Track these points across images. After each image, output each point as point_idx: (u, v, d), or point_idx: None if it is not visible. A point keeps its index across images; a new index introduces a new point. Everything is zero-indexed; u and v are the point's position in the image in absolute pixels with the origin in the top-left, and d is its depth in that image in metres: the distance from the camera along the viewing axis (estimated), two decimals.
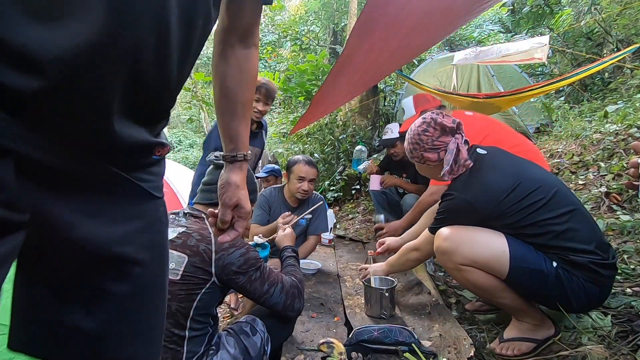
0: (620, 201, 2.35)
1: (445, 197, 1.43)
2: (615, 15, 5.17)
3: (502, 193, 1.31)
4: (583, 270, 1.23)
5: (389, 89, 5.85)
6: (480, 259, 1.28)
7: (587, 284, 1.23)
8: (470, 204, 1.34)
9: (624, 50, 3.31)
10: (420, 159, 1.54)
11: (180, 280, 1.16)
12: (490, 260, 1.27)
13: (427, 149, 1.49)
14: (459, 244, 1.31)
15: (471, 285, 1.35)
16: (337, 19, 8.89)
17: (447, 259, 1.34)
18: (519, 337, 1.32)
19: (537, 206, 1.29)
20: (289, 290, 1.32)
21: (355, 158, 3.78)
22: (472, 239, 1.31)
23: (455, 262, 1.31)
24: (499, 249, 1.27)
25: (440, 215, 1.43)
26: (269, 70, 10.32)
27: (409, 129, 1.56)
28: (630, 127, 3.16)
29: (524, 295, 1.32)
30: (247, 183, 1.38)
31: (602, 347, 1.19)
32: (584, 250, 1.23)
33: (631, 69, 4.65)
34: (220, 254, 1.18)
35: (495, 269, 1.27)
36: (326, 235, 2.87)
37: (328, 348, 1.30)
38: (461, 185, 1.41)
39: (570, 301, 1.24)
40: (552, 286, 1.23)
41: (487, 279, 1.29)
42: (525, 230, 1.29)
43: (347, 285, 2.09)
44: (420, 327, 1.55)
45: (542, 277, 1.24)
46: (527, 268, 1.24)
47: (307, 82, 5.28)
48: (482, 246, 1.29)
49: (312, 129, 5.71)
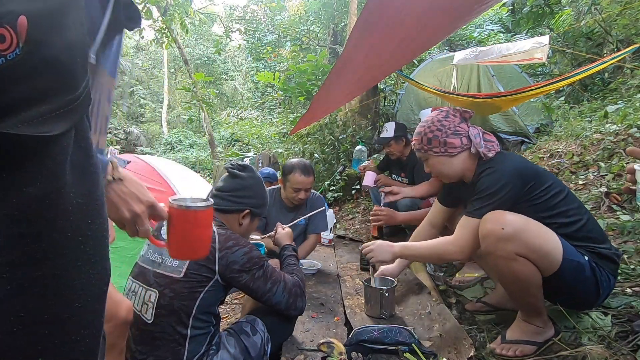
0: (620, 201, 2.35)
1: (484, 172, 1.35)
2: (615, 15, 5.16)
3: (532, 173, 1.32)
4: (608, 262, 1.25)
5: (389, 89, 5.84)
6: (539, 249, 1.19)
7: (611, 277, 1.25)
8: (517, 170, 1.30)
9: (624, 50, 3.31)
10: (441, 146, 1.44)
11: (184, 278, 1.17)
12: (548, 251, 1.20)
13: (449, 134, 1.43)
14: (520, 231, 1.19)
15: (514, 278, 1.23)
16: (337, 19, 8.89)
17: (502, 246, 1.20)
18: (523, 340, 1.31)
19: (561, 196, 1.30)
20: (291, 289, 1.32)
21: (355, 158, 3.78)
22: (531, 227, 1.21)
23: (511, 250, 1.19)
24: (554, 239, 1.21)
25: (483, 192, 1.32)
26: (269, 70, 10.33)
27: (425, 120, 1.50)
28: (630, 127, 3.16)
29: (560, 291, 1.28)
30: (257, 195, 1.41)
31: (602, 347, 1.19)
32: (605, 241, 1.26)
33: (631, 69, 4.64)
34: (224, 252, 1.19)
35: (548, 261, 1.20)
36: (326, 235, 2.87)
37: (328, 348, 1.30)
38: (498, 160, 1.37)
39: (600, 296, 1.25)
40: (589, 281, 1.23)
41: (534, 274, 1.21)
42: (555, 219, 1.27)
43: (347, 285, 2.09)
44: (420, 327, 1.55)
45: (583, 270, 1.22)
46: (575, 261, 1.21)
47: (307, 82, 5.29)
48: (542, 235, 1.21)
49: (312, 129, 5.71)
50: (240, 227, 1.40)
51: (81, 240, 0.47)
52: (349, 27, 6.92)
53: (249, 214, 1.40)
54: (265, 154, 6.27)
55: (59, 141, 0.42)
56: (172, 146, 13.71)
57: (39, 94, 0.39)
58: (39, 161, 0.40)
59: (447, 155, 1.45)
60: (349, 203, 4.70)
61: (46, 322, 0.44)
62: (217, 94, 14.86)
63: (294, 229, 2.32)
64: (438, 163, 1.48)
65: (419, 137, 1.51)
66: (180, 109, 17.37)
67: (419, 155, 1.56)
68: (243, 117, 13.64)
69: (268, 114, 12.90)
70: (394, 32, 1.95)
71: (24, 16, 0.35)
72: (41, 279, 0.43)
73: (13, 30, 0.35)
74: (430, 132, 1.46)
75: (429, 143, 1.47)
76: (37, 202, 0.41)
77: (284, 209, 2.36)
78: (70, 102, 0.41)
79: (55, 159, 0.42)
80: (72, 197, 0.45)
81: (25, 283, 0.42)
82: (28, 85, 0.37)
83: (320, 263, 2.33)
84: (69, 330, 0.46)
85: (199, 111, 9.69)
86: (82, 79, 0.43)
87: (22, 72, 0.36)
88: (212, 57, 16.66)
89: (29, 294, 0.42)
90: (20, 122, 0.37)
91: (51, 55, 0.38)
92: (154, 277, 1.22)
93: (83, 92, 0.43)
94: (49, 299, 0.44)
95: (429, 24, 2.00)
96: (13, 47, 0.35)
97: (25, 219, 0.41)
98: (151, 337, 1.16)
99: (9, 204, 0.39)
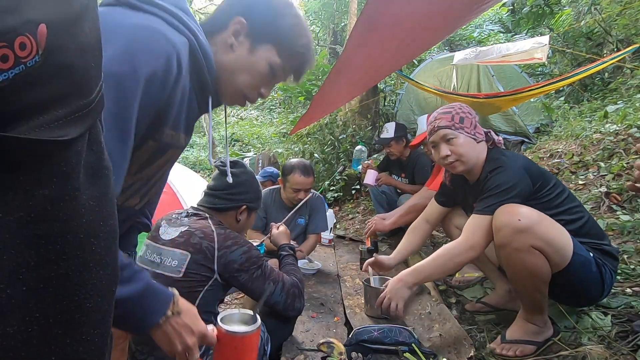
0: (620, 201, 2.35)
1: (495, 170, 1.35)
2: (615, 15, 5.17)
3: (538, 172, 1.34)
4: (610, 259, 1.26)
5: (389, 89, 5.84)
6: (553, 242, 1.18)
7: (613, 274, 1.27)
8: (526, 170, 1.32)
9: (624, 50, 3.31)
10: (472, 128, 1.43)
11: (183, 278, 1.17)
12: (561, 245, 1.19)
13: (477, 121, 1.46)
14: (535, 223, 1.18)
15: (526, 271, 1.22)
16: (337, 19, 8.89)
17: (518, 238, 1.18)
18: (523, 340, 1.31)
19: (564, 195, 1.32)
20: (289, 289, 1.32)
21: (355, 158, 3.78)
22: (546, 221, 1.21)
23: (526, 242, 1.17)
24: (566, 234, 1.22)
25: (495, 190, 1.31)
26: None
27: (450, 105, 1.50)
28: (630, 127, 3.16)
29: (566, 288, 1.29)
30: (251, 189, 1.40)
31: (602, 347, 1.19)
32: (604, 238, 1.28)
33: (631, 69, 4.65)
34: (222, 252, 1.20)
35: (559, 255, 1.20)
36: (326, 235, 2.87)
37: (328, 348, 1.30)
38: (507, 160, 1.37)
39: (603, 292, 1.26)
40: (594, 276, 1.24)
41: (545, 268, 1.20)
42: (560, 216, 1.28)
43: (347, 285, 2.09)
44: (420, 327, 1.55)
45: (590, 266, 1.23)
46: (583, 256, 1.22)
47: (307, 82, 5.29)
48: (556, 229, 1.21)
49: (312, 129, 5.71)
50: (238, 223, 1.39)
51: (93, 242, 0.48)
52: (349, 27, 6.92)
53: (246, 209, 1.40)
54: (265, 154, 6.27)
55: (73, 145, 0.43)
56: None
57: (55, 99, 0.39)
58: (54, 164, 0.41)
59: (474, 138, 1.43)
60: (349, 203, 4.70)
61: (60, 323, 0.45)
62: None
63: (288, 224, 2.32)
64: (467, 143, 1.42)
65: (448, 115, 1.45)
66: None
67: (443, 134, 1.45)
68: (243, 117, 13.64)
69: (268, 114, 12.89)
70: (394, 32, 1.95)
71: (44, 25, 0.36)
72: (55, 280, 0.44)
73: (34, 38, 0.35)
74: (462, 112, 1.44)
75: (461, 121, 1.43)
76: (52, 204, 0.42)
77: (284, 209, 2.36)
78: (84, 106, 0.42)
79: (69, 162, 0.43)
80: (85, 200, 0.46)
81: (40, 284, 0.43)
82: (44, 91, 0.38)
83: (320, 263, 2.33)
84: (80, 330, 0.47)
85: None
86: (95, 84, 0.44)
87: (38, 78, 0.37)
88: None
89: (44, 295, 0.43)
90: (37, 126, 0.38)
91: (67, 61, 0.39)
92: (153, 277, 1.21)
93: (97, 97, 0.44)
94: (62, 299, 0.45)
95: (429, 24, 2.00)
96: (32, 54, 0.36)
97: (41, 220, 0.41)
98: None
99: (25, 206, 0.40)
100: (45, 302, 0.43)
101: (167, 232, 1.27)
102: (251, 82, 0.83)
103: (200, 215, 1.30)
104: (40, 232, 0.42)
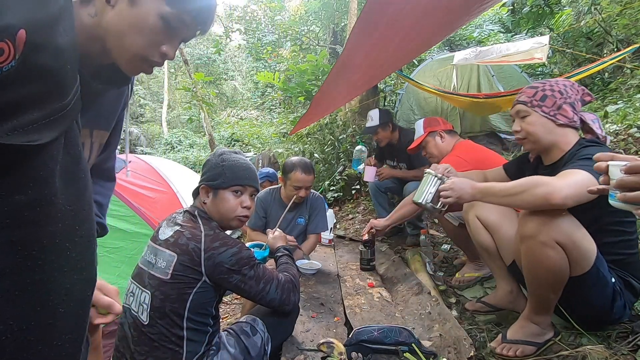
0: None
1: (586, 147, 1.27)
2: (615, 15, 5.17)
3: None
4: (630, 294, 1.24)
5: (389, 89, 5.84)
6: (579, 243, 1.15)
7: (627, 310, 1.25)
8: None
9: (624, 50, 3.31)
10: (554, 109, 1.34)
11: (171, 280, 1.16)
12: (586, 250, 1.16)
13: (567, 102, 1.34)
14: (566, 216, 1.15)
15: (545, 267, 1.18)
16: (337, 19, 8.88)
17: (546, 231, 1.15)
18: (523, 340, 1.31)
19: (628, 217, 1.27)
20: (284, 285, 1.33)
21: (355, 158, 3.77)
22: (576, 221, 1.17)
23: (553, 236, 1.14)
24: (592, 242, 1.18)
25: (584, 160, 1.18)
26: (269, 70, 10.33)
27: (548, 80, 1.41)
28: (630, 127, 3.16)
29: (574, 299, 1.26)
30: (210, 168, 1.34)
31: (602, 347, 1.19)
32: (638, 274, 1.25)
33: (631, 69, 4.64)
34: (210, 253, 1.18)
35: (581, 258, 1.17)
36: (326, 235, 2.87)
37: (328, 348, 1.30)
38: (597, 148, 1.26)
39: (609, 318, 1.25)
40: (604, 301, 1.21)
41: (565, 268, 1.17)
42: (617, 226, 1.25)
43: (347, 285, 2.09)
44: (420, 327, 1.55)
45: (605, 287, 1.20)
46: (602, 273, 1.20)
47: (307, 82, 5.28)
48: (583, 232, 1.18)
49: (312, 129, 5.71)
50: (209, 207, 1.31)
51: (68, 247, 0.46)
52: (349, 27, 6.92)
53: (206, 188, 1.32)
54: (265, 154, 6.27)
55: (48, 149, 0.42)
56: (172, 146, 13.69)
57: (30, 101, 0.38)
58: (29, 169, 0.40)
59: (552, 120, 1.34)
60: (349, 203, 4.70)
61: (33, 329, 0.44)
62: (217, 94, 14.86)
63: (287, 224, 2.32)
64: (538, 123, 1.35)
65: (532, 90, 1.38)
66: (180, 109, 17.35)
67: (518, 109, 1.39)
68: (243, 117, 13.64)
69: (268, 114, 12.89)
70: (394, 32, 1.95)
71: (23, 30, 0.35)
72: (30, 287, 0.43)
73: (12, 43, 0.35)
74: (550, 90, 1.36)
75: (542, 100, 1.35)
76: (27, 209, 0.41)
77: (283, 207, 2.36)
78: (60, 109, 0.41)
79: (45, 166, 0.42)
80: (61, 204, 0.45)
81: (15, 291, 0.41)
82: (19, 94, 0.37)
83: (320, 263, 2.33)
84: (52, 335, 0.46)
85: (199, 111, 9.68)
86: (71, 86, 0.43)
87: (14, 80, 0.36)
88: (212, 57, 16.65)
89: (19, 302, 0.42)
90: (10, 130, 0.36)
91: (43, 62, 0.38)
92: (148, 278, 1.21)
93: (73, 99, 0.43)
94: (35, 305, 0.44)
95: (428, 24, 2.00)
96: (10, 59, 0.35)
97: (17, 226, 0.40)
98: (148, 339, 1.16)
99: (1, 212, 0.39)
100: (19, 310, 0.42)
101: (164, 232, 1.26)
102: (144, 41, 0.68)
103: (192, 214, 1.30)
104: (15, 238, 0.40)
